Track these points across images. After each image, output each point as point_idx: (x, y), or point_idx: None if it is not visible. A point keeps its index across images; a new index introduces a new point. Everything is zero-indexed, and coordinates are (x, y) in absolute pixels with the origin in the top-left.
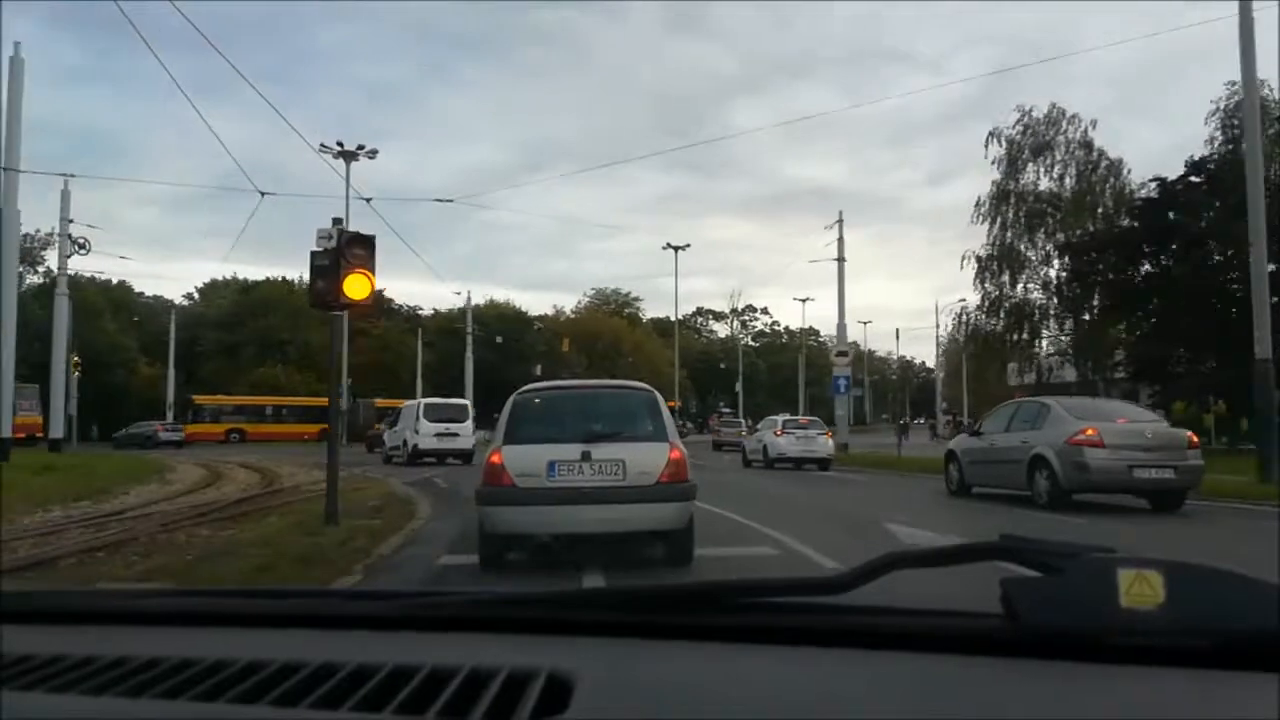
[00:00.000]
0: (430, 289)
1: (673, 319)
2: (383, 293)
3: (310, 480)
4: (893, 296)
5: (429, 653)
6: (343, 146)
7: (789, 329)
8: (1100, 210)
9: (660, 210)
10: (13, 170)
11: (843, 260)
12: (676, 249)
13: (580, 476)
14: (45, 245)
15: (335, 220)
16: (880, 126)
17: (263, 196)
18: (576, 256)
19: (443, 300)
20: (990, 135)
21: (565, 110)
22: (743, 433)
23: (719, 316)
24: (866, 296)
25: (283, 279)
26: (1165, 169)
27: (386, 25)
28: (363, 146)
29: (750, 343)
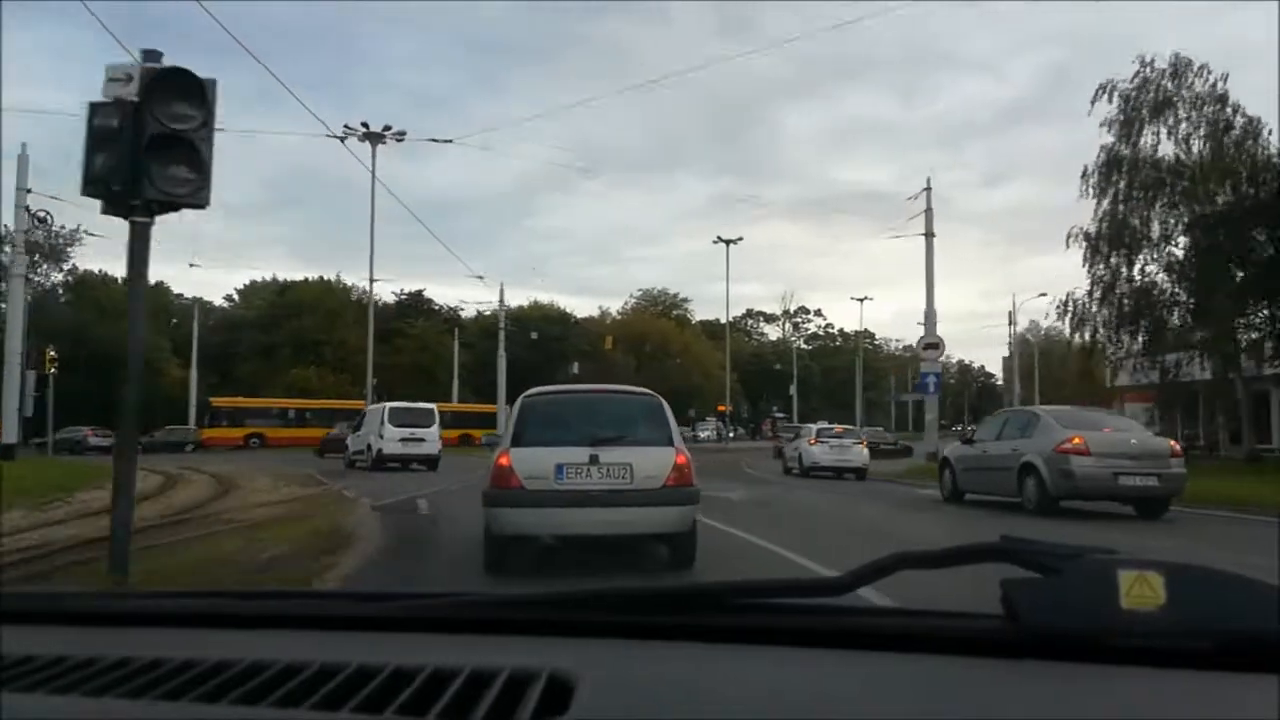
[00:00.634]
0: (476, 294)
1: (722, 321)
2: (421, 292)
3: (268, 501)
4: (945, 301)
5: (430, 654)
6: (368, 127)
7: (843, 331)
8: (1235, 177)
9: (707, 215)
10: None
11: (931, 235)
12: (728, 243)
13: (588, 480)
14: (71, 242)
15: (148, 53)
16: (931, 129)
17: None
18: (623, 262)
19: (489, 302)
20: (1100, 90)
21: (612, 117)
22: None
23: (770, 319)
24: (917, 301)
25: (320, 278)
26: None
27: (436, 35)
28: (389, 127)
29: (803, 345)
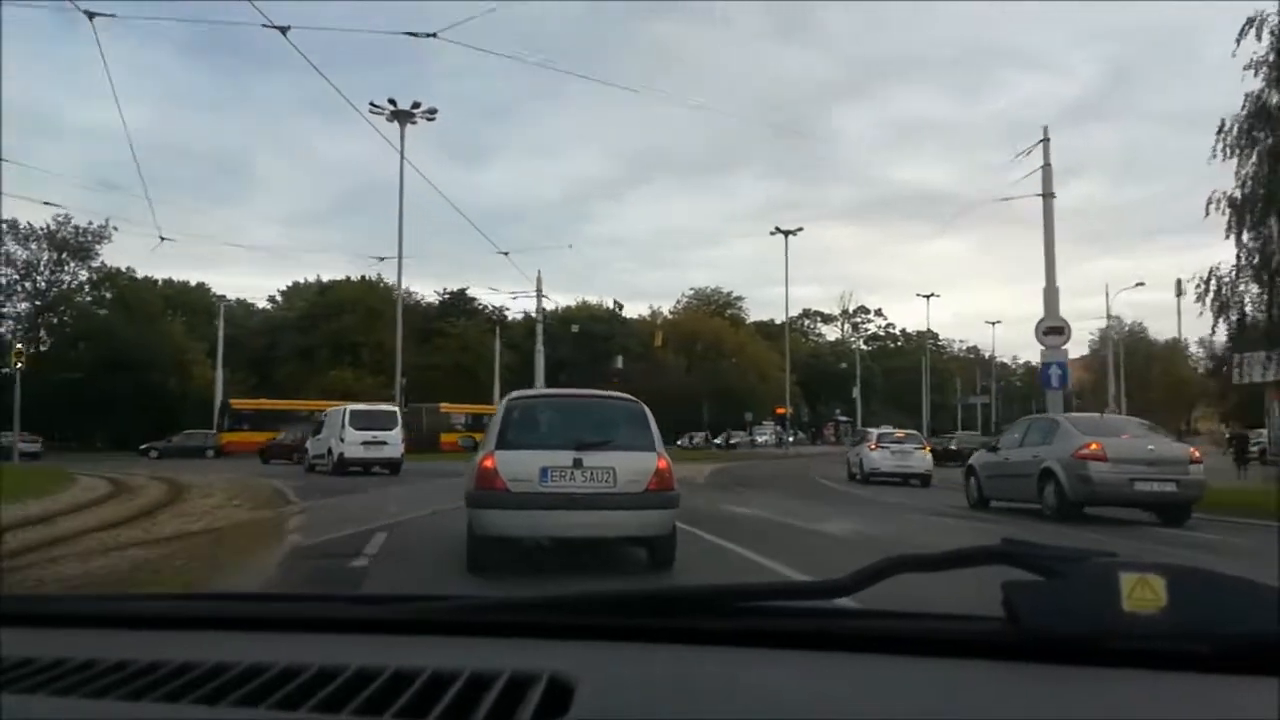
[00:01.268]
0: (522, 296)
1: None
2: (464, 291)
3: (173, 533)
4: (1006, 304)
5: (430, 656)
6: (395, 105)
7: (904, 331)
8: None
9: (761, 218)
10: None
11: (1050, 196)
12: (787, 233)
13: (572, 483)
14: (100, 238)
15: None
16: (991, 127)
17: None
18: (677, 266)
19: (525, 292)
20: (1248, 24)
21: (667, 121)
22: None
23: (828, 319)
24: (975, 304)
25: (362, 278)
26: None
27: (494, 45)
28: (419, 104)
29: (862, 346)
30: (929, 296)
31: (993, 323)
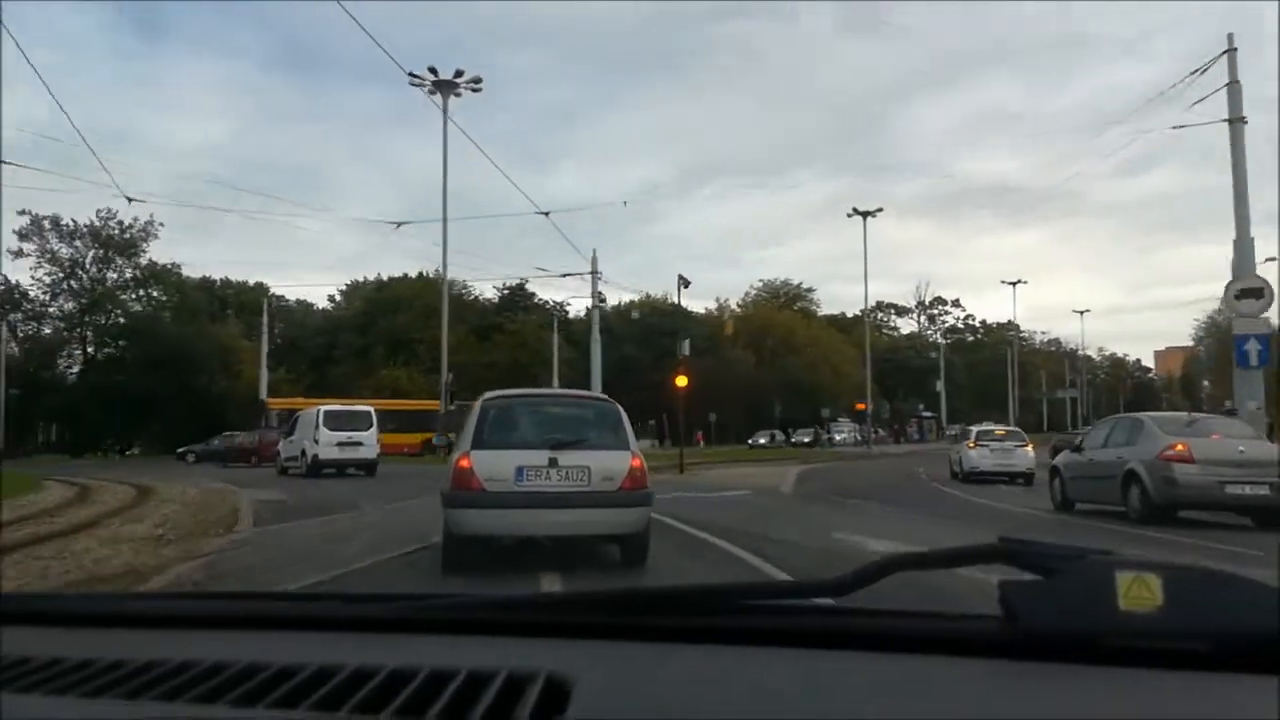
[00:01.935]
0: (575, 275)
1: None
2: (523, 285)
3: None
4: (1081, 294)
5: (427, 655)
6: (436, 74)
7: (984, 322)
8: None
9: (828, 215)
10: None
11: (1240, 121)
12: (865, 215)
13: (547, 482)
14: (146, 235)
15: None
16: (1065, 117)
17: None
18: (740, 265)
19: (579, 272)
20: None
21: (733, 120)
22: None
23: (902, 311)
24: (1051, 296)
25: (420, 274)
26: None
27: (561, 51)
28: (461, 73)
29: (940, 339)
30: (1015, 284)
31: (1080, 311)
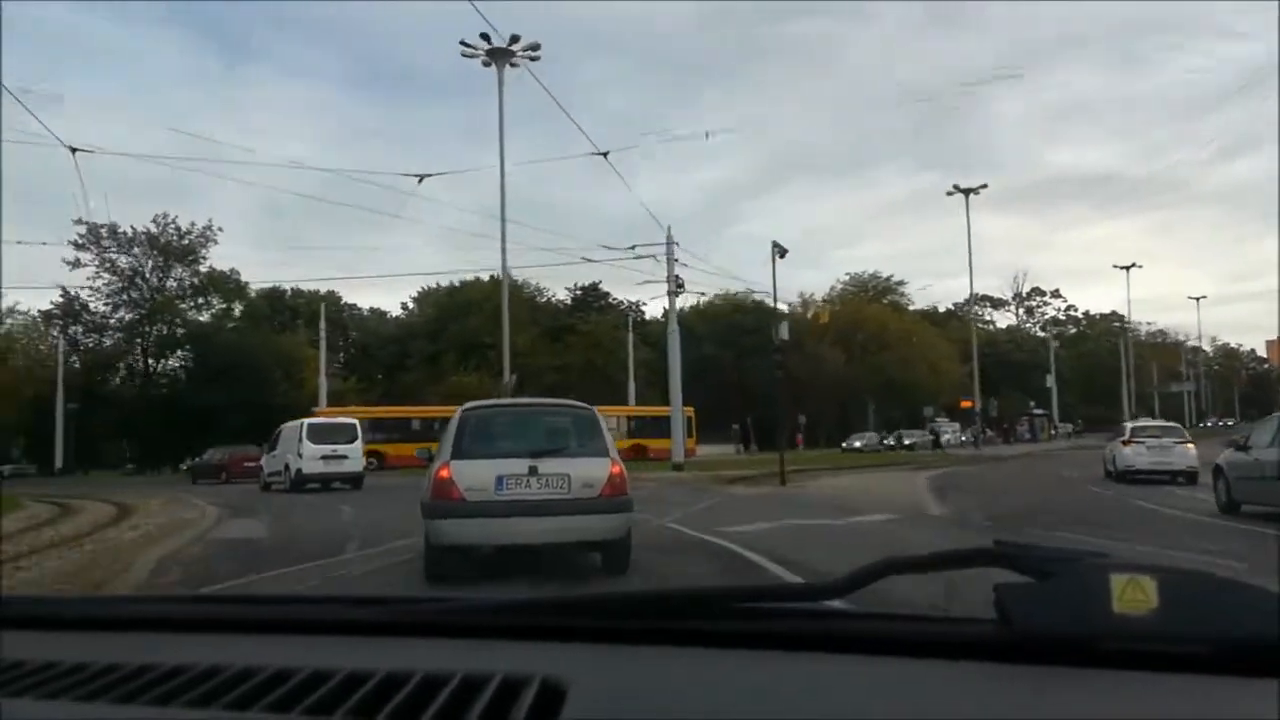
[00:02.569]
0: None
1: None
2: (597, 285)
3: None
4: (1184, 284)
5: (422, 659)
6: (489, 41)
7: (1088, 313)
8: None
9: (911, 211)
10: None
11: None
12: (967, 192)
13: (527, 490)
14: (205, 241)
15: None
16: (1156, 103)
17: None
18: (824, 265)
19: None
20: None
21: (810, 118)
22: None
23: (998, 304)
24: (1154, 286)
25: (491, 277)
26: None
27: (635, 55)
28: (517, 38)
29: (1039, 332)
30: (1128, 268)
31: (1196, 298)
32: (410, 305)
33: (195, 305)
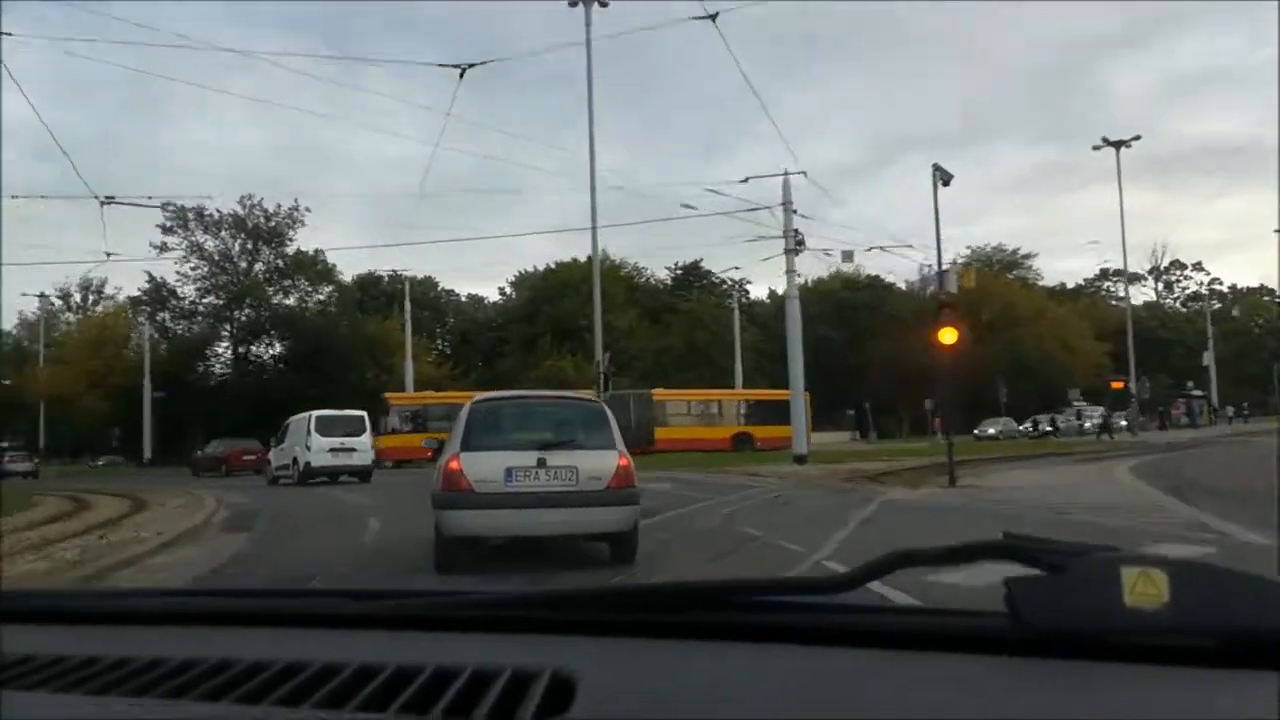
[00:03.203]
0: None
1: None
2: (698, 264)
3: None
4: None
5: (432, 653)
6: None
7: (1235, 287)
8: None
9: (1028, 189)
10: None
11: None
12: (1118, 145)
13: (536, 482)
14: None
15: None
16: None
17: None
18: (932, 247)
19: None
20: None
21: (921, 93)
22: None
23: (1134, 279)
24: None
25: (588, 258)
26: None
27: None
28: None
29: (1179, 307)
30: None
31: None
32: (508, 290)
33: (281, 288)
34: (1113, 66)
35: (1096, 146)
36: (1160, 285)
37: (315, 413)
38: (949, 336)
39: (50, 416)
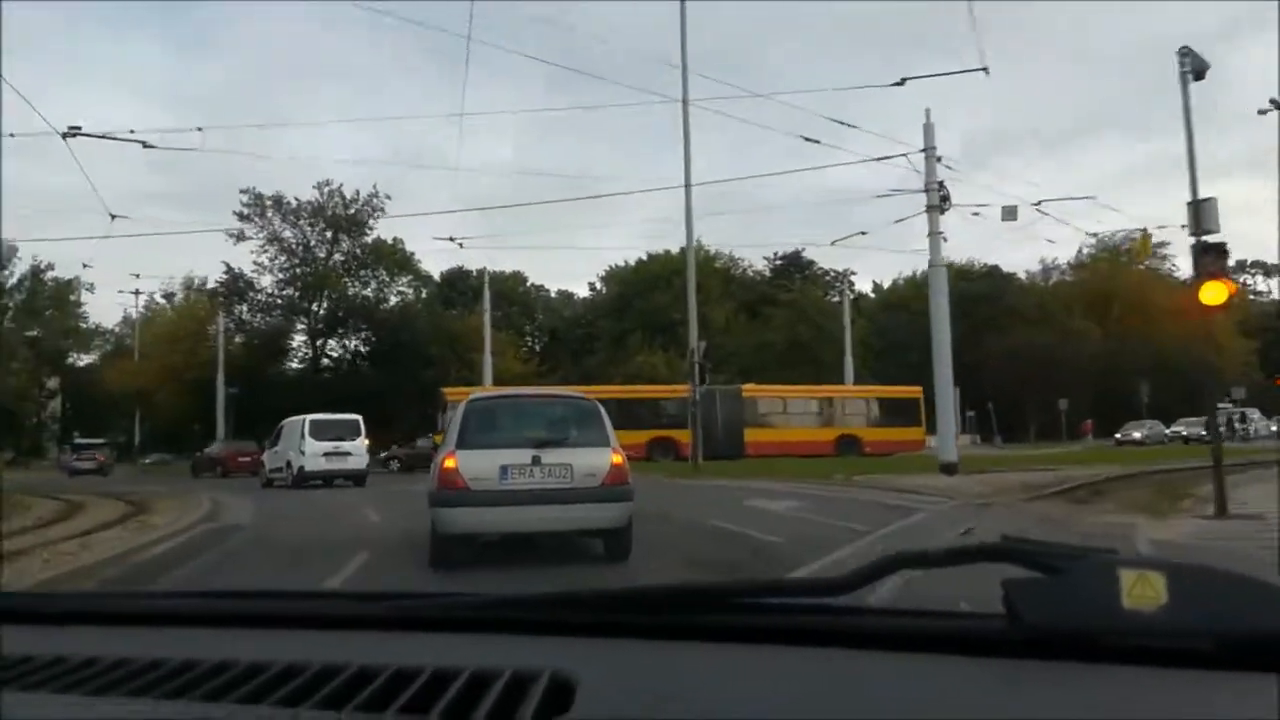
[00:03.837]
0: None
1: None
2: (800, 253)
3: None
4: None
5: (431, 654)
6: None
7: None
8: None
9: (1137, 181)
10: None
11: None
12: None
13: (531, 479)
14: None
15: None
16: None
17: None
18: (1045, 246)
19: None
20: None
21: (1023, 85)
22: None
23: (1272, 271)
24: None
25: (681, 249)
26: None
27: (827, 28)
28: None
29: None
30: None
31: None
32: (597, 284)
33: (359, 278)
34: (1232, 46)
35: (1263, 111)
36: None
37: (309, 416)
38: (1215, 295)
39: (141, 414)
